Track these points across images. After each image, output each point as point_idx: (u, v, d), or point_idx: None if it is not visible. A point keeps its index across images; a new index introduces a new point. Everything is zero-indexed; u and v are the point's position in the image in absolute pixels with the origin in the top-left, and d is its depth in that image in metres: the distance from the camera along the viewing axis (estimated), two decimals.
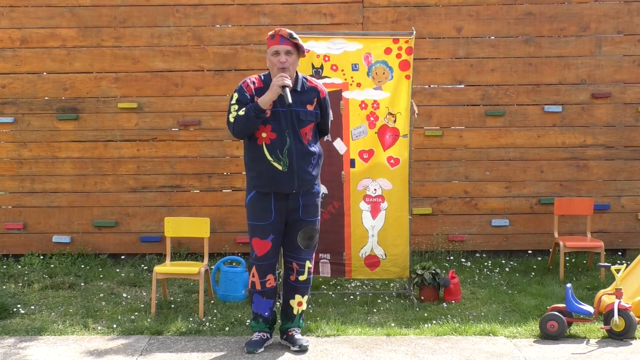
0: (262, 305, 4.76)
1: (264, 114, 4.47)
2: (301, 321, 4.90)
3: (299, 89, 4.60)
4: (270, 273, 4.70)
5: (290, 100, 4.39)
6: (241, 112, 4.47)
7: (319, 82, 4.83)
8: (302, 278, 4.78)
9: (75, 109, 7.20)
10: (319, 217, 4.81)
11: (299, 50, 4.59)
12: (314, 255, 4.85)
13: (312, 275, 4.85)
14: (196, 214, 7.10)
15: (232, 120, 4.53)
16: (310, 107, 4.63)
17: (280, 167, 4.52)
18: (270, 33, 4.60)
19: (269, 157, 4.53)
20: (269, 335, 4.82)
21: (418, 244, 7.14)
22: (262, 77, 4.64)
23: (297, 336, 4.78)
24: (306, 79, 4.72)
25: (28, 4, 7.16)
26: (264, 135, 4.54)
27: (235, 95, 4.57)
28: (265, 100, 4.44)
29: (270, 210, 4.60)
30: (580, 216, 7.10)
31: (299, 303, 4.82)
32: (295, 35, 4.55)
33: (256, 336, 4.77)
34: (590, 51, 7.20)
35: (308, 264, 4.78)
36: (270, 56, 4.56)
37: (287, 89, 4.42)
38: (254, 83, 4.61)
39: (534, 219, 7.27)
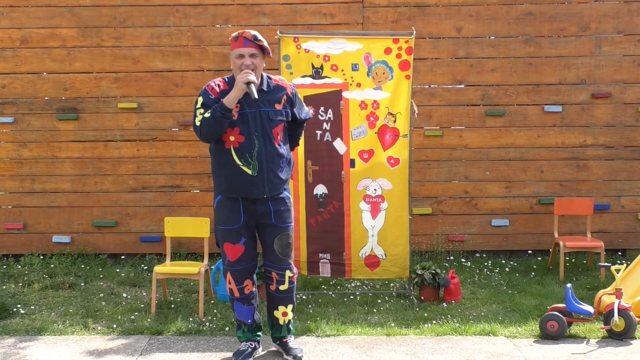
0: (244, 313, 4.60)
1: (231, 114, 4.31)
2: (291, 328, 4.73)
3: (265, 88, 4.45)
4: (248, 278, 4.55)
5: (256, 96, 4.25)
6: (207, 114, 4.30)
7: (283, 79, 4.69)
8: (282, 287, 4.60)
9: (75, 109, 7.20)
10: (292, 224, 4.64)
11: (263, 51, 4.44)
12: (293, 263, 4.66)
13: (294, 285, 4.66)
14: (196, 214, 7.10)
15: (198, 123, 4.37)
16: (278, 106, 4.47)
17: (250, 172, 4.37)
18: (233, 35, 4.44)
19: (237, 161, 4.38)
20: (257, 345, 4.67)
21: (418, 244, 7.14)
22: (227, 80, 4.51)
23: (291, 344, 4.66)
24: (270, 78, 4.56)
25: (28, 4, 7.16)
26: (232, 138, 4.38)
27: (200, 99, 4.43)
28: (230, 99, 4.29)
29: (239, 212, 4.45)
30: (580, 216, 7.10)
31: (284, 313, 4.65)
32: (259, 37, 4.39)
33: (244, 346, 4.62)
34: (590, 51, 7.20)
35: (288, 274, 4.59)
36: (235, 59, 4.41)
37: (252, 85, 4.28)
38: (218, 86, 4.47)
39: (534, 219, 7.27)
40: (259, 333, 4.73)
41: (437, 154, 7.24)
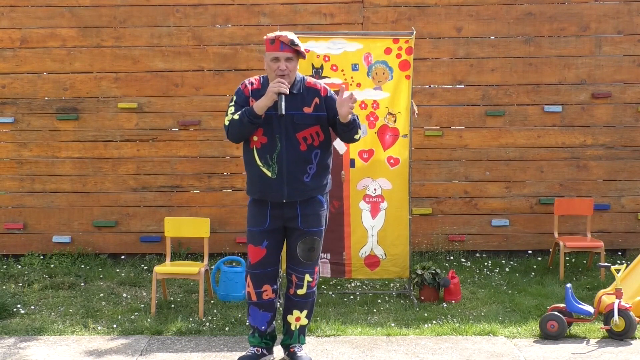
0: (259, 319, 4.51)
1: (259, 120, 4.22)
2: (302, 337, 4.59)
3: (295, 91, 4.32)
4: (267, 284, 4.44)
5: (283, 111, 4.16)
6: (236, 116, 4.26)
7: (319, 82, 4.50)
8: (300, 292, 4.48)
9: (75, 109, 7.20)
10: (323, 229, 4.48)
11: (298, 54, 4.33)
12: (316, 269, 4.51)
13: (313, 290, 4.52)
14: (196, 214, 7.10)
15: (227, 123, 4.34)
16: (307, 110, 4.32)
17: (269, 174, 4.29)
18: (270, 36, 4.28)
19: (258, 162, 4.31)
20: (264, 352, 4.56)
21: (418, 244, 7.14)
22: (262, 79, 4.43)
23: (299, 353, 4.51)
24: (305, 80, 4.42)
25: (28, 4, 7.16)
26: (255, 138, 4.31)
27: (234, 97, 4.39)
28: (260, 106, 4.20)
29: (266, 215, 4.38)
30: (580, 216, 7.09)
31: (297, 318, 4.53)
32: (297, 42, 4.26)
33: (250, 351, 4.54)
34: (590, 51, 7.20)
35: (308, 278, 4.46)
36: (269, 61, 4.29)
37: (283, 97, 4.17)
38: (252, 84, 4.40)
39: (534, 219, 7.27)
40: (270, 341, 4.61)
41: (437, 154, 7.24)
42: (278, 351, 4.72)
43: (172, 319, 5.40)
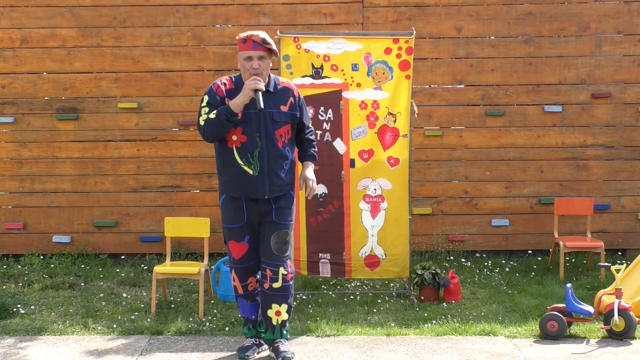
0: (248, 309, 4.71)
1: (236, 117, 4.34)
2: (284, 331, 4.66)
3: (271, 89, 4.47)
4: (251, 276, 4.65)
5: (262, 106, 4.27)
6: (212, 115, 4.33)
7: (290, 82, 4.70)
8: (276, 285, 4.53)
9: (75, 109, 7.21)
10: (293, 222, 4.64)
11: (271, 53, 4.44)
12: (289, 262, 4.59)
13: (289, 284, 4.59)
14: (196, 214, 7.10)
15: (202, 123, 4.39)
16: (284, 108, 4.49)
17: (251, 172, 4.42)
18: (241, 36, 4.40)
19: (239, 161, 4.42)
20: (262, 341, 4.75)
21: (418, 244, 7.14)
22: (233, 79, 4.52)
23: (282, 348, 4.56)
24: (278, 79, 4.58)
25: (28, 4, 7.16)
26: (234, 138, 4.41)
27: (206, 98, 4.45)
28: (237, 104, 4.32)
29: (243, 211, 4.52)
30: (580, 216, 7.10)
31: (277, 312, 4.58)
32: (268, 40, 4.37)
33: (248, 342, 4.72)
34: (590, 51, 7.20)
35: (282, 271, 4.53)
36: (243, 61, 4.40)
37: (260, 93, 4.30)
38: (224, 84, 4.48)
39: (534, 219, 7.27)
40: (263, 331, 4.76)
41: (437, 154, 7.24)
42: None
43: (172, 319, 5.41)
